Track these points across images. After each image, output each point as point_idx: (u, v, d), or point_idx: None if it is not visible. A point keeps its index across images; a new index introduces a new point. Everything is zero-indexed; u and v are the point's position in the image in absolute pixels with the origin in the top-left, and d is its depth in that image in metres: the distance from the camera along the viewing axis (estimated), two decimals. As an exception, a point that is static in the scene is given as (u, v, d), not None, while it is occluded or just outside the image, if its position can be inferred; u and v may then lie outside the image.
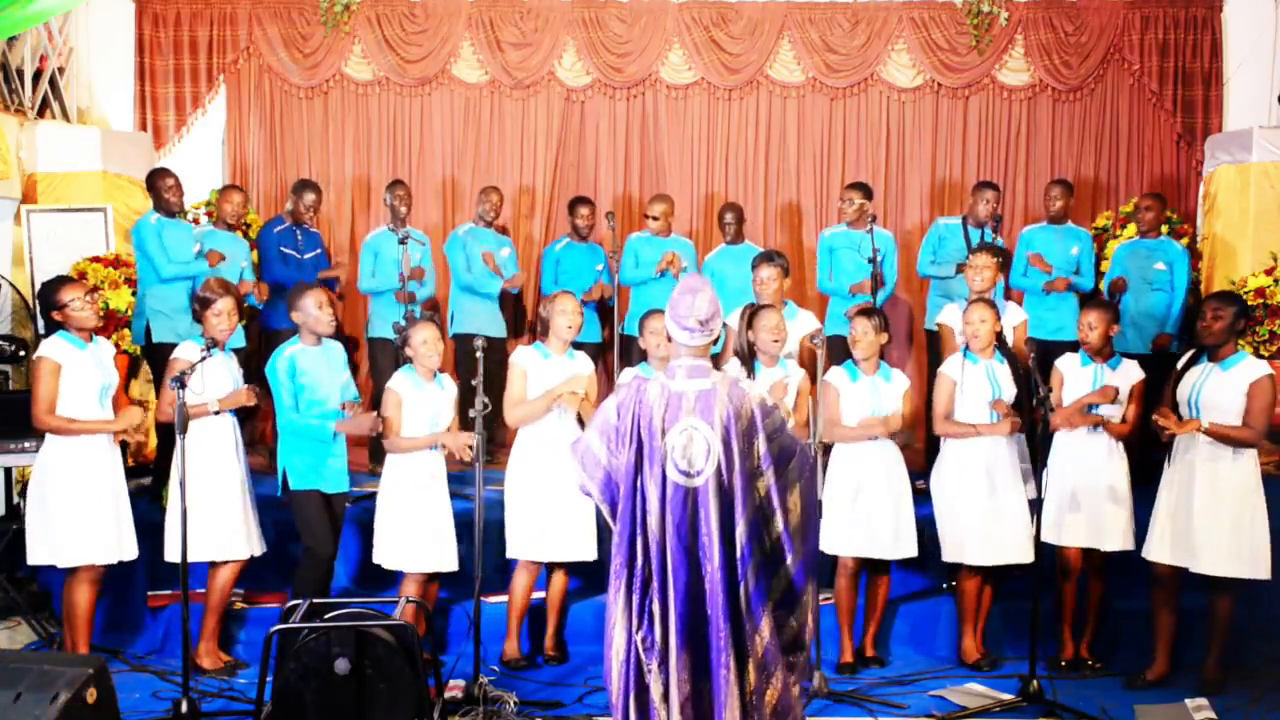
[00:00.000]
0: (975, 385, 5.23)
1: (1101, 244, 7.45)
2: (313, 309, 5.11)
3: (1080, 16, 7.95)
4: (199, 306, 5.06)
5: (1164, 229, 6.82)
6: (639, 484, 3.38)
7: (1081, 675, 5.20)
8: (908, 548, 5.24)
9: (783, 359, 5.29)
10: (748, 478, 3.32)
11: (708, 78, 8.06)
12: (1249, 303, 6.64)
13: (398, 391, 5.08)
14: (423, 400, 5.10)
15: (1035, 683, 4.79)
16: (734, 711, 3.28)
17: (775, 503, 3.33)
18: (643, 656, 3.35)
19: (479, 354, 4.77)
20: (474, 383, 4.81)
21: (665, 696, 3.31)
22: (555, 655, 5.37)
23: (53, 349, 4.76)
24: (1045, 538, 5.10)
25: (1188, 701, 4.75)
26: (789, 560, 3.36)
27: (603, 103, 8.15)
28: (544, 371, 5.19)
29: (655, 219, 6.99)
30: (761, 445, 3.34)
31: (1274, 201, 7.08)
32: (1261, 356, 6.63)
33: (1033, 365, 5.00)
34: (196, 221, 7.33)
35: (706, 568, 3.31)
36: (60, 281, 4.95)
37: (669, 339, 3.47)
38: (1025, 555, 5.15)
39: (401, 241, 6.40)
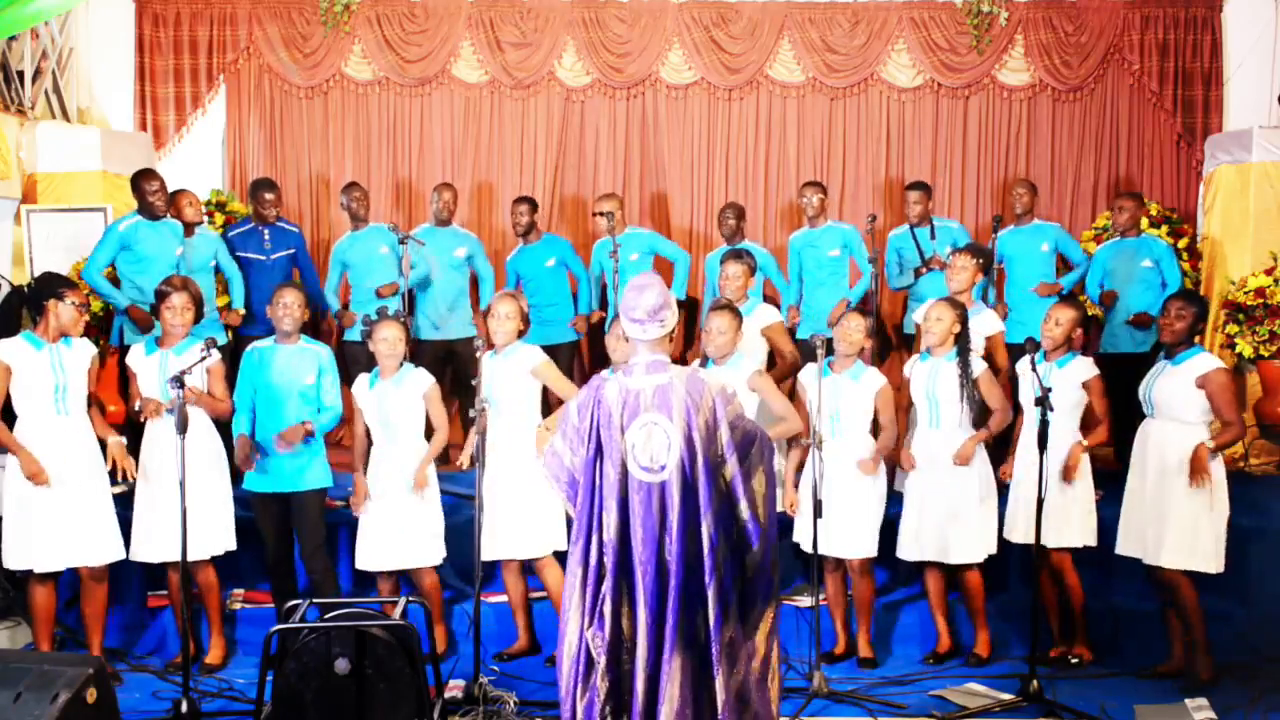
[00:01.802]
0: (917, 383, 5.24)
1: (1101, 244, 7.45)
2: (276, 304, 5.16)
3: (1080, 16, 7.95)
4: (157, 300, 5.08)
5: (1159, 228, 6.81)
6: (597, 483, 3.40)
7: (1082, 675, 5.18)
8: (863, 547, 5.18)
9: (740, 354, 5.28)
10: (711, 468, 3.33)
11: (708, 78, 8.06)
12: (1249, 303, 6.67)
13: (354, 395, 5.21)
14: (371, 401, 5.16)
15: (1035, 683, 4.78)
16: (672, 703, 3.29)
17: (739, 490, 3.35)
18: (593, 652, 3.37)
19: (478, 354, 4.80)
20: (474, 383, 4.84)
21: (611, 693, 3.35)
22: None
23: (4, 351, 4.77)
24: (1008, 535, 5.22)
25: (1187, 701, 4.75)
26: (755, 547, 3.37)
27: (603, 103, 8.15)
28: (486, 370, 5.19)
29: (601, 214, 6.86)
30: (724, 434, 3.35)
31: (1274, 201, 7.08)
32: (1262, 357, 6.65)
33: (1035, 366, 4.98)
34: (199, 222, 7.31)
35: (671, 563, 3.32)
36: (67, 280, 5.03)
37: (627, 338, 3.48)
38: (953, 555, 5.13)
39: (401, 242, 6.40)
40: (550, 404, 5.65)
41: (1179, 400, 4.84)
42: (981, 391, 5.11)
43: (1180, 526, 4.82)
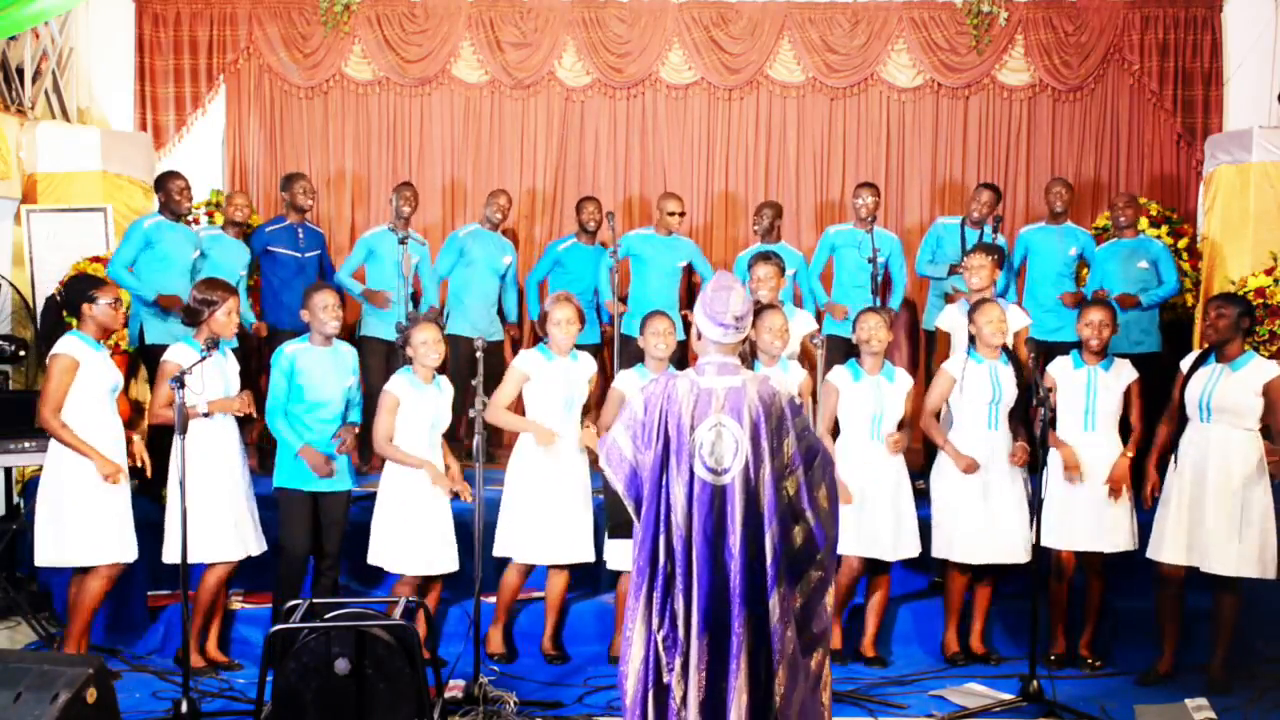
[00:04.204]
0: (977, 385, 5.22)
1: (1101, 245, 7.46)
2: (318, 308, 5.13)
3: (1080, 16, 7.95)
4: (203, 308, 4.98)
5: (1157, 229, 6.81)
6: (664, 481, 3.32)
7: (1082, 674, 5.20)
8: (908, 548, 5.26)
9: (784, 359, 5.29)
10: (777, 477, 3.27)
11: (708, 78, 8.06)
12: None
13: (395, 395, 5.07)
14: (422, 402, 5.10)
15: (1035, 683, 4.79)
16: (740, 714, 3.22)
17: (805, 501, 3.29)
18: (663, 655, 3.29)
19: (479, 354, 4.79)
20: (474, 383, 4.82)
21: (684, 698, 3.26)
22: (555, 655, 5.38)
23: (71, 346, 4.76)
24: (1045, 541, 5.07)
25: (1188, 701, 4.75)
26: (820, 557, 3.31)
27: (603, 103, 8.15)
28: (548, 374, 5.20)
29: (676, 214, 6.92)
30: (792, 444, 3.29)
31: (1274, 201, 7.08)
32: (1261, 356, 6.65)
33: (1033, 365, 5.00)
34: (197, 221, 7.32)
35: (730, 567, 3.26)
36: (95, 280, 5.06)
37: (699, 335, 3.42)
38: (1016, 556, 5.18)
39: (401, 242, 6.39)
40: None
41: (1243, 405, 4.85)
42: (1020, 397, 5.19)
43: (1250, 533, 4.82)
